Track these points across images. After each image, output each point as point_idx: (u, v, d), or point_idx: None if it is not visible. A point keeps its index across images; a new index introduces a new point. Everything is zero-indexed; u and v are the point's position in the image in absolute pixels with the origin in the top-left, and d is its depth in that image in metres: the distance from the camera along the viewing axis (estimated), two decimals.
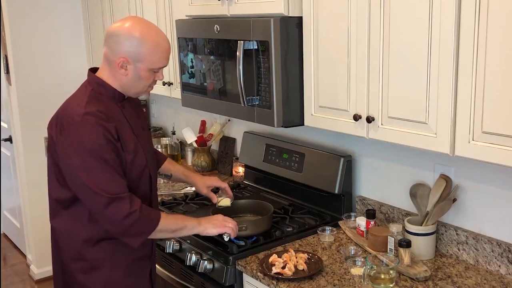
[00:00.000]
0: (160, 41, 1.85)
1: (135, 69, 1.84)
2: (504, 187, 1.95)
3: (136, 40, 1.80)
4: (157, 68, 1.87)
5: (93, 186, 1.75)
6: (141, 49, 1.81)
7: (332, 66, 2.08)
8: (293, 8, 2.17)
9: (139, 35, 1.80)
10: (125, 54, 1.81)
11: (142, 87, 1.91)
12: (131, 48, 1.80)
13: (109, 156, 1.78)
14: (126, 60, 1.81)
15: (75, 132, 1.77)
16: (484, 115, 1.60)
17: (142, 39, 1.80)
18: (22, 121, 3.98)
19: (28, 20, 3.91)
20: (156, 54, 1.83)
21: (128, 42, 1.80)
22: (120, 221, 1.77)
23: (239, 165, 3.10)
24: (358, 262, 2.02)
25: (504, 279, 1.92)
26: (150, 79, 1.89)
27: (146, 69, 1.84)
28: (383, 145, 2.27)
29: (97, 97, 1.86)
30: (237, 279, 2.16)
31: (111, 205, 1.75)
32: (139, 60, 1.82)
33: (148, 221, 1.83)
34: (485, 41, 1.56)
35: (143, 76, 1.86)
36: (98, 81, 1.90)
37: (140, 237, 1.84)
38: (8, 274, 4.37)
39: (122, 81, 1.87)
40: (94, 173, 1.76)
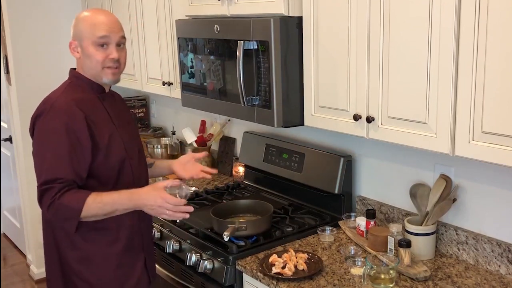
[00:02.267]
0: (94, 14, 1.95)
1: (82, 48, 1.93)
2: (504, 187, 1.95)
3: (76, 20, 1.95)
4: (96, 38, 1.90)
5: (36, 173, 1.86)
6: (77, 26, 1.94)
7: (332, 66, 2.08)
8: (293, 8, 2.17)
9: (79, 15, 1.96)
10: (72, 37, 1.96)
11: (95, 66, 1.93)
12: (74, 28, 1.95)
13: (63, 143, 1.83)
14: (74, 42, 1.95)
15: (42, 120, 1.88)
16: (484, 115, 1.60)
17: (78, 18, 1.95)
18: (22, 121, 3.98)
19: (28, 20, 3.91)
20: (88, 25, 1.91)
21: (73, 25, 1.96)
22: (46, 211, 1.84)
23: (239, 165, 3.10)
24: (358, 262, 2.02)
25: (504, 279, 1.92)
26: (99, 56, 1.92)
27: (89, 44, 1.91)
28: (383, 145, 2.27)
29: (74, 89, 1.96)
30: (237, 279, 2.16)
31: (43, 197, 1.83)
32: (80, 38, 1.93)
33: (70, 206, 1.81)
34: (485, 40, 1.56)
35: (90, 53, 1.92)
36: (75, 73, 2.01)
37: (68, 223, 1.85)
38: (8, 274, 4.37)
39: (81, 65, 1.97)
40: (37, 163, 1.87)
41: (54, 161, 1.83)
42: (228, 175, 3.26)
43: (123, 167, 1.98)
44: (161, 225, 2.55)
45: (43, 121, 1.87)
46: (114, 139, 1.95)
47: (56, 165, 1.82)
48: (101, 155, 1.90)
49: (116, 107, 2.06)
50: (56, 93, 1.95)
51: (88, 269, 1.96)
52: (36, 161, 1.88)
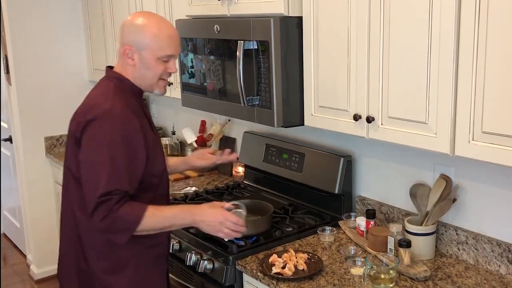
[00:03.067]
0: (162, 27, 1.85)
1: (141, 57, 1.84)
2: (504, 187, 1.95)
3: (138, 27, 1.83)
4: (164, 56, 1.84)
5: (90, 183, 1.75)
6: (143, 35, 1.82)
7: (332, 66, 2.08)
8: (293, 8, 2.17)
9: (141, 23, 1.84)
10: (129, 43, 1.83)
11: (152, 78, 1.88)
12: (134, 35, 1.83)
13: (120, 155, 1.75)
14: (131, 48, 1.83)
15: (97, 126, 1.76)
16: (484, 115, 1.60)
17: (144, 26, 1.83)
18: (22, 121, 3.98)
19: (28, 20, 3.91)
20: (158, 40, 1.82)
21: (131, 30, 1.84)
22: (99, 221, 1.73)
23: (239, 165, 3.10)
24: (358, 262, 2.02)
25: (504, 279, 1.92)
26: (159, 69, 1.86)
27: (153, 57, 1.84)
28: (383, 145, 2.27)
29: (121, 92, 1.86)
30: (237, 279, 2.16)
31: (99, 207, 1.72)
32: (143, 48, 1.82)
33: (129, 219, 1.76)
34: (485, 41, 1.56)
35: (150, 65, 1.85)
36: (117, 75, 1.89)
37: (122, 235, 1.79)
38: (8, 274, 4.37)
39: (133, 73, 1.87)
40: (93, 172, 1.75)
41: (112, 171, 1.73)
42: (228, 175, 3.26)
43: (163, 174, 1.95)
44: None
45: (99, 128, 1.76)
46: (157, 146, 1.91)
47: (114, 176, 1.73)
48: (150, 163, 1.85)
49: (148, 112, 2.01)
50: (106, 98, 1.82)
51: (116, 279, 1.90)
52: (90, 170, 1.76)
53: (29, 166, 4.06)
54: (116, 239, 1.81)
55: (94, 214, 1.73)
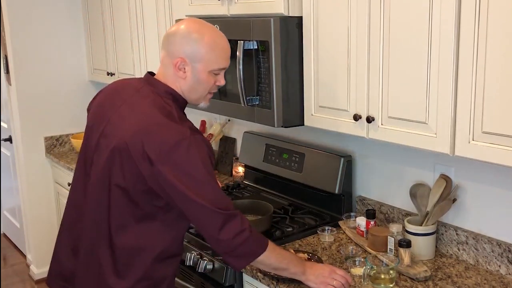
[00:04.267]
0: (218, 39, 1.77)
1: (193, 70, 1.74)
2: (504, 187, 1.95)
3: (193, 39, 1.72)
4: (217, 69, 1.77)
5: (210, 204, 1.64)
6: (198, 47, 1.72)
7: (332, 66, 2.08)
8: (293, 8, 2.17)
9: (196, 34, 1.73)
10: (182, 54, 1.72)
11: (202, 92, 1.80)
12: (188, 47, 1.72)
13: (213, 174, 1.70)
14: (184, 60, 1.73)
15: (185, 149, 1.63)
16: (484, 115, 1.60)
17: (199, 38, 1.73)
18: (22, 121, 3.98)
19: (28, 20, 3.91)
20: (214, 53, 1.75)
21: (185, 41, 1.72)
22: (230, 239, 1.66)
23: (239, 165, 3.10)
24: (358, 262, 2.02)
25: (504, 279, 1.92)
26: (210, 83, 1.79)
27: (205, 70, 1.75)
28: (383, 145, 2.27)
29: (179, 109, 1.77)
30: (237, 279, 2.16)
31: (226, 224, 1.65)
32: (197, 60, 1.73)
33: (257, 242, 1.73)
34: (485, 41, 1.56)
35: (202, 79, 1.76)
36: (170, 91, 1.77)
37: (245, 259, 1.73)
38: (8, 274, 4.37)
39: (182, 86, 1.77)
40: (207, 191, 1.66)
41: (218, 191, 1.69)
42: (228, 175, 3.26)
43: None
44: None
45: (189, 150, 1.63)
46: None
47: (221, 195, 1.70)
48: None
49: None
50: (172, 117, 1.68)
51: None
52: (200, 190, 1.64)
53: (29, 166, 4.06)
54: (238, 262, 1.74)
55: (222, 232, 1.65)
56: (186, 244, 2.36)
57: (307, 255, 2.08)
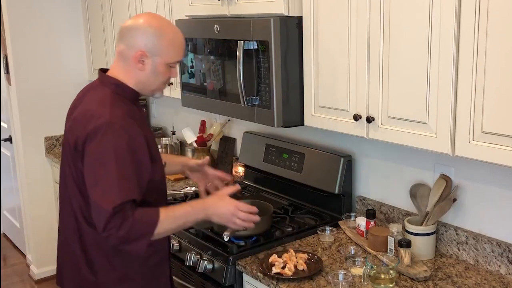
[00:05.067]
0: (177, 34, 1.85)
1: (153, 63, 1.81)
2: (504, 187, 1.95)
3: (154, 33, 1.79)
4: (174, 62, 1.85)
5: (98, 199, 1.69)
6: (160, 41, 1.79)
7: (332, 66, 2.08)
8: (293, 8, 2.17)
9: (157, 29, 1.80)
10: (143, 48, 1.78)
11: (158, 84, 1.87)
12: (149, 41, 1.78)
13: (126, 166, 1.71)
14: (144, 53, 1.78)
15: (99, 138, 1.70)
16: (484, 115, 1.60)
17: (160, 32, 1.80)
18: (22, 121, 3.98)
19: (28, 20, 3.91)
20: (173, 48, 1.83)
21: (146, 35, 1.79)
22: (115, 233, 1.69)
23: (239, 165, 3.10)
24: (358, 262, 2.02)
25: (504, 279, 1.92)
26: (166, 75, 1.86)
27: (163, 63, 1.82)
28: (383, 145, 2.27)
29: (119, 98, 1.81)
30: (237, 279, 2.16)
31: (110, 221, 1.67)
32: (157, 54, 1.80)
33: (145, 224, 1.73)
34: (485, 41, 1.56)
35: (160, 71, 1.83)
36: (115, 81, 1.84)
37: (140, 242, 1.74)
38: (8, 274, 4.37)
39: (139, 77, 1.83)
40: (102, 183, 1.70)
41: (122, 183, 1.69)
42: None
43: (163, 179, 1.93)
44: None
45: (102, 141, 1.70)
46: (157, 152, 1.88)
47: (125, 188, 1.69)
48: (153, 170, 1.82)
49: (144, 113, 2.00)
50: (105, 105, 1.76)
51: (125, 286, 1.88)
52: (98, 184, 1.70)
53: (29, 166, 4.06)
54: (136, 247, 1.75)
55: (107, 227, 1.68)
56: (186, 244, 2.36)
57: (307, 255, 2.09)
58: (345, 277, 1.91)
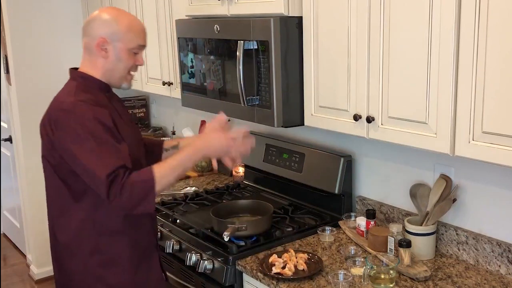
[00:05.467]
0: (134, 20, 1.92)
1: (114, 49, 1.87)
2: (504, 187, 1.95)
3: (111, 20, 1.87)
4: (136, 46, 1.90)
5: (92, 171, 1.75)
6: (117, 27, 1.86)
7: (332, 66, 2.08)
8: (293, 8, 2.17)
9: (113, 16, 1.88)
10: (104, 35, 1.86)
11: (122, 70, 1.91)
12: (108, 28, 1.86)
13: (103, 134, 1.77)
14: (105, 40, 1.85)
15: (68, 122, 1.78)
16: (484, 115, 1.60)
17: (116, 18, 1.88)
18: (22, 121, 3.98)
19: (28, 20, 3.91)
20: (132, 32, 1.88)
21: (104, 23, 1.87)
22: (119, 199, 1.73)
23: (239, 165, 3.10)
24: (358, 262, 2.02)
25: (504, 279, 1.92)
26: (130, 61, 1.91)
27: (125, 49, 1.88)
28: (383, 145, 2.27)
29: (84, 89, 1.88)
30: (237, 279, 2.16)
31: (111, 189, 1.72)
32: (117, 39, 1.86)
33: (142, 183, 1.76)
34: (485, 41, 1.56)
35: (123, 57, 1.88)
36: (81, 74, 1.92)
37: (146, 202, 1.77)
38: (8, 274, 4.37)
39: (104, 66, 1.89)
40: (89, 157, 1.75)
41: (105, 153, 1.75)
42: (228, 175, 3.26)
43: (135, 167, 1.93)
44: (161, 225, 2.55)
45: (71, 120, 1.78)
46: (127, 139, 1.91)
47: (109, 156, 1.75)
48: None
49: (120, 106, 2.04)
50: (69, 95, 1.85)
51: (112, 271, 1.91)
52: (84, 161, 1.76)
53: (29, 166, 4.06)
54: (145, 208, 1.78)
55: (110, 197, 1.73)
56: (186, 244, 2.36)
57: (307, 255, 2.09)
58: (345, 277, 1.91)
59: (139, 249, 1.96)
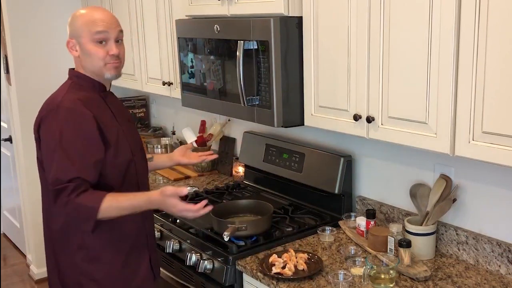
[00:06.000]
0: (90, 11, 1.95)
1: (80, 45, 1.92)
2: (504, 187, 1.95)
3: (71, 20, 1.95)
4: (95, 35, 1.89)
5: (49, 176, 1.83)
6: (75, 24, 1.93)
7: (332, 66, 2.08)
8: (293, 8, 2.17)
9: (74, 15, 1.96)
10: (69, 35, 1.95)
11: (96, 63, 1.92)
12: (70, 27, 1.94)
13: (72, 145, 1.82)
14: (71, 40, 1.94)
15: (49, 120, 1.86)
16: (484, 115, 1.60)
17: (74, 16, 1.95)
18: (22, 121, 3.98)
19: (28, 20, 3.91)
20: (87, 24, 1.90)
21: (68, 25, 1.95)
22: (63, 210, 1.83)
23: (239, 165, 3.10)
24: (358, 262, 2.02)
25: (504, 279, 1.92)
26: (100, 52, 1.91)
27: (88, 41, 1.90)
28: (383, 145, 2.27)
29: (78, 88, 1.95)
30: (237, 279, 2.16)
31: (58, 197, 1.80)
32: (78, 35, 1.91)
33: (86, 208, 1.81)
34: (485, 41, 1.56)
35: (89, 50, 1.91)
36: (75, 73, 1.99)
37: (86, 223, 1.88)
38: (8, 274, 4.37)
39: (81, 64, 1.95)
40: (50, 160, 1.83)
41: (65, 160, 1.80)
42: (228, 175, 3.26)
43: (129, 166, 1.99)
44: (161, 225, 2.55)
45: (51, 122, 1.85)
46: (120, 138, 1.95)
47: (67, 165, 1.80)
48: (110, 154, 1.90)
49: (117, 105, 2.07)
50: (60, 94, 1.92)
51: (97, 267, 1.96)
52: (46, 161, 1.87)
53: (29, 166, 4.06)
54: (83, 227, 1.91)
55: (57, 203, 1.82)
56: (186, 244, 2.36)
57: (307, 255, 2.09)
58: (345, 277, 1.91)
59: (125, 248, 2.00)
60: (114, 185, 1.92)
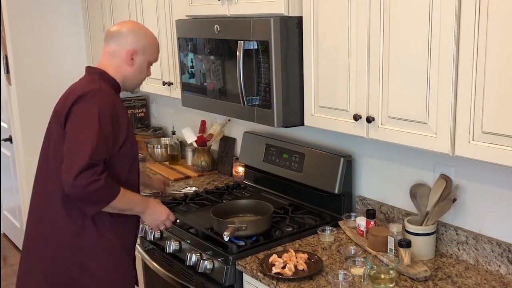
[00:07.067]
0: (155, 38, 2.20)
1: (140, 60, 2.11)
2: (504, 187, 1.95)
3: (142, 35, 2.12)
4: (153, 60, 2.17)
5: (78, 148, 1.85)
6: (146, 41, 2.12)
7: (332, 66, 2.08)
8: (293, 8, 2.17)
9: (144, 31, 2.15)
10: (135, 46, 2.08)
11: (140, 79, 2.17)
12: (140, 41, 2.10)
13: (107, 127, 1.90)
14: (136, 51, 2.08)
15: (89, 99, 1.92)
16: (484, 115, 1.60)
17: (147, 34, 2.14)
18: (22, 121, 3.98)
19: (28, 20, 3.91)
20: (154, 47, 2.16)
21: (137, 37, 2.10)
22: (83, 186, 1.82)
23: (239, 165, 3.10)
24: (358, 262, 2.02)
25: (504, 279, 1.92)
26: (148, 74, 2.19)
27: (147, 61, 2.14)
28: (383, 145, 2.27)
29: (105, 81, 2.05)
30: (237, 279, 2.16)
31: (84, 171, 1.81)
32: (144, 52, 2.11)
33: (110, 191, 1.90)
34: (485, 41, 1.56)
35: (143, 68, 2.14)
36: (99, 70, 2.08)
37: (96, 206, 1.91)
38: (8, 274, 4.37)
39: (126, 73, 2.10)
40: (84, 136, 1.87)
41: (100, 141, 1.87)
42: (228, 175, 3.26)
43: (134, 163, 2.10)
44: None
45: (90, 101, 1.92)
46: (132, 134, 2.08)
47: (101, 146, 1.87)
48: (127, 146, 2.01)
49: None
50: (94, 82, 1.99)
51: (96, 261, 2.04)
52: (78, 137, 1.88)
53: (29, 166, 4.06)
54: (87, 209, 1.93)
55: (78, 178, 1.81)
56: (186, 244, 2.36)
57: (307, 255, 2.09)
58: (345, 277, 1.91)
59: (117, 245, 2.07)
60: (121, 175, 2.03)
